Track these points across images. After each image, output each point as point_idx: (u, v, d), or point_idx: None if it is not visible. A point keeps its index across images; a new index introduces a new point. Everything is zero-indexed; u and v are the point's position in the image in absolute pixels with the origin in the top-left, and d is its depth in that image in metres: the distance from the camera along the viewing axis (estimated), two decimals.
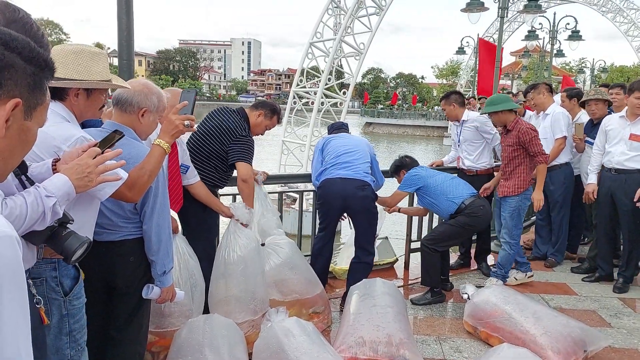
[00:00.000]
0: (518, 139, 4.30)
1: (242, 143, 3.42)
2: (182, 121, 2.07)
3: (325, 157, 4.10)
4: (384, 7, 16.85)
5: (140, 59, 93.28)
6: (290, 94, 17.88)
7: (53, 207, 1.45)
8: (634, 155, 4.33)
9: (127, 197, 2.00)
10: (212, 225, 3.51)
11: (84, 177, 1.55)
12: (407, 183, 4.30)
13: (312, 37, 17.47)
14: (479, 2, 12.38)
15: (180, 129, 2.07)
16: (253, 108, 3.62)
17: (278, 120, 3.68)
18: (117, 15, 3.63)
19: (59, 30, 73.92)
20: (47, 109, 1.01)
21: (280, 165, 16.98)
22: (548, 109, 5.16)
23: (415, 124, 50.67)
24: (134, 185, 1.96)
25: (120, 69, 3.71)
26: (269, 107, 3.62)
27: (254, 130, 3.57)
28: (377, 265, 4.73)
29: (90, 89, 1.95)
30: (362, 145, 4.14)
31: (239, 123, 3.46)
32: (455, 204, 4.11)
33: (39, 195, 1.43)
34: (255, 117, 3.55)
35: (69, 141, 1.78)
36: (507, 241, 4.42)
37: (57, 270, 1.77)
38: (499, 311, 3.39)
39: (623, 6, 36.76)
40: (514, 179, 4.38)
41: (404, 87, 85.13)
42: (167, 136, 2.07)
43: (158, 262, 2.23)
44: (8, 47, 0.89)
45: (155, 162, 2.03)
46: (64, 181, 1.51)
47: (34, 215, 1.41)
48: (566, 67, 59.06)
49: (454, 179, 4.38)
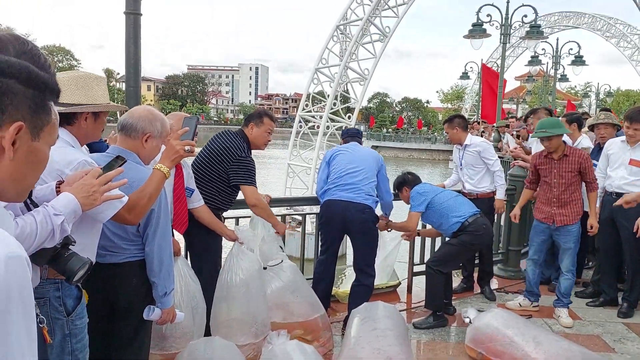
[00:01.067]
0: (579, 165, 4.18)
1: (242, 165, 3.47)
2: (183, 147, 2.14)
3: (331, 172, 4.11)
4: (388, 34, 17.13)
5: (149, 84, 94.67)
6: (296, 118, 18.07)
7: (62, 225, 1.52)
8: (633, 180, 4.35)
9: (126, 220, 2.05)
10: (216, 248, 3.55)
11: (89, 196, 1.62)
12: (417, 201, 4.26)
13: (318, 63, 17.74)
14: (481, 28, 12.57)
15: (181, 154, 2.14)
16: (245, 125, 3.69)
17: (271, 119, 3.69)
18: (125, 43, 3.76)
19: (70, 57, 75.33)
20: (56, 128, 1.05)
21: (285, 188, 17.04)
22: None
23: (421, 147, 50.77)
24: (134, 208, 2.02)
25: (127, 95, 3.82)
26: (255, 115, 3.68)
27: (258, 142, 3.62)
28: (380, 289, 4.72)
29: (97, 113, 2.04)
30: (369, 161, 4.09)
31: (238, 144, 3.52)
32: (459, 222, 4.13)
33: (47, 214, 1.50)
34: (250, 131, 3.62)
35: (72, 165, 1.85)
36: (571, 269, 4.34)
37: (60, 291, 1.82)
38: (501, 335, 3.39)
39: (626, 31, 37.10)
40: (572, 206, 4.27)
41: (410, 112, 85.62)
42: (168, 161, 2.14)
43: (159, 284, 2.27)
44: (5, 74, 0.92)
45: (155, 186, 2.09)
46: (70, 199, 1.58)
47: (44, 234, 1.47)
48: (571, 91, 59.27)
49: (457, 196, 4.42)
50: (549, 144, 4.20)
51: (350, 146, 4.27)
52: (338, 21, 18.05)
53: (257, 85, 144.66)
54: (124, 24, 3.77)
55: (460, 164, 5.09)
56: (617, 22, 37.71)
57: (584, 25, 38.60)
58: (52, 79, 1.03)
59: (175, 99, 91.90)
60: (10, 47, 1.59)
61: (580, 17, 38.99)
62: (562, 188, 4.25)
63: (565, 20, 39.57)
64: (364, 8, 17.93)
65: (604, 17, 38.32)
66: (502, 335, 3.37)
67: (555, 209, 4.28)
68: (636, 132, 4.31)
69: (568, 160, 4.21)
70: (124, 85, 4.00)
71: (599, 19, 38.18)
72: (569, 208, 4.27)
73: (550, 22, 39.32)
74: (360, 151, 4.25)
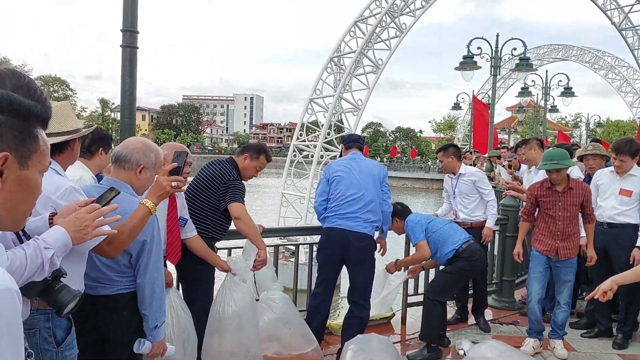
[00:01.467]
0: (583, 198, 4.15)
1: (231, 186, 3.48)
2: (170, 182, 2.13)
3: (331, 196, 4.06)
4: (381, 66, 17.43)
5: (143, 114, 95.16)
6: (290, 147, 18.19)
7: (51, 259, 1.51)
8: (624, 209, 4.40)
9: (105, 252, 2.02)
10: (208, 279, 3.53)
11: (80, 230, 1.62)
12: (417, 231, 4.24)
13: (312, 93, 17.99)
14: (471, 61, 12.82)
15: (167, 190, 2.13)
16: (239, 154, 3.72)
17: (267, 158, 3.71)
18: (121, 76, 3.81)
19: (66, 87, 75.83)
20: (46, 155, 1.04)
21: (279, 217, 17.00)
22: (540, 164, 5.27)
23: (414, 176, 51.05)
24: (113, 241, 1.99)
25: (122, 126, 3.85)
26: (253, 148, 3.71)
27: (245, 174, 3.65)
28: (374, 320, 4.68)
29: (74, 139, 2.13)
30: (368, 184, 4.00)
31: (227, 170, 3.55)
32: (454, 249, 4.13)
33: (37, 247, 1.49)
34: (242, 161, 3.64)
35: (59, 191, 1.87)
36: (568, 301, 4.31)
37: (50, 321, 1.80)
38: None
39: (614, 63, 37.88)
40: (574, 238, 4.25)
41: (403, 141, 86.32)
42: (154, 197, 2.13)
43: (150, 316, 2.25)
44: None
45: (137, 221, 2.07)
46: (61, 233, 1.58)
47: (33, 267, 1.47)
48: (562, 121, 60.12)
49: (449, 223, 4.43)
50: (557, 176, 4.11)
51: (350, 163, 4.11)
52: (332, 53, 18.39)
53: (252, 114, 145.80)
54: (120, 56, 3.83)
55: (453, 193, 5.12)
56: (605, 55, 38.55)
57: (573, 57, 39.42)
58: (38, 107, 1.02)
59: (170, 129, 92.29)
60: (7, 81, 1.62)
61: (569, 49, 39.87)
62: (566, 221, 4.18)
63: (554, 53, 40.43)
64: (357, 41, 18.30)
65: (592, 49, 39.20)
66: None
67: (559, 242, 4.21)
68: (622, 163, 4.37)
69: (573, 194, 4.13)
70: (119, 115, 4.04)
71: (587, 52, 39.03)
72: (572, 241, 4.24)
73: (540, 55, 40.17)
74: (361, 170, 4.06)
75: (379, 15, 17.88)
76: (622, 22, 26.73)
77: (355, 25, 18.41)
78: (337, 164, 4.21)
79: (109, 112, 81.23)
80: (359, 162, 4.13)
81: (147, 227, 2.21)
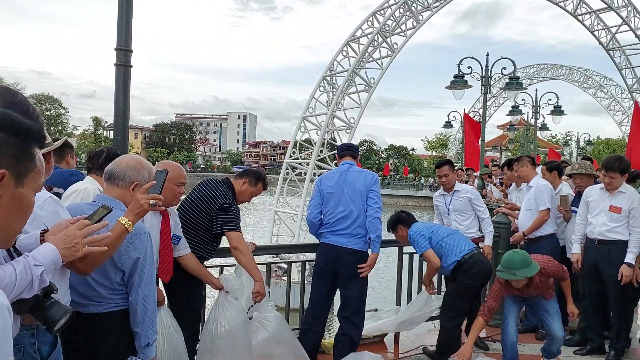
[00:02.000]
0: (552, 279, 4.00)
1: (226, 211, 3.47)
2: (147, 201, 2.09)
3: (324, 210, 4.09)
4: (373, 85, 17.61)
5: (136, 132, 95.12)
6: (283, 165, 18.23)
7: (41, 276, 1.51)
8: (614, 226, 4.43)
9: (77, 268, 1.97)
10: (199, 297, 3.51)
11: (70, 247, 1.62)
12: (421, 242, 4.19)
13: (305, 111, 18.10)
14: (462, 80, 13.00)
15: (145, 208, 2.08)
16: (238, 177, 3.72)
17: (264, 187, 3.74)
18: (115, 94, 3.83)
19: (58, 105, 75.79)
20: (41, 174, 1.06)
21: (272, 235, 16.95)
22: (532, 181, 5.32)
23: (407, 194, 51.21)
24: (87, 257, 1.92)
25: (114, 144, 3.86)
26: (253, 174, 3.72)
27: (240, 198, 3.64)
28: (366, 339, 4.65)
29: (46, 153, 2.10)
30: (357, 201, 3.97)
31: (223, 192, 3.53)
32: (456, 260, 4.11)
33: (27, 264, 1.49)
34: (239, 185, 3.64)
35: (38, 201, 1.85)
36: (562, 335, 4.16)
37: (36, 337, 1.78)
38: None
39: (603, 82, 38.50)
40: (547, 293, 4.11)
41: (396, 159, 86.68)
42: (132, 215, 2.09)
43: (142, 334, 2.23)
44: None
45: (113, 239, 2.00)
46: (51, 250, 1.58)
47: (22, 284, 1.46)
48: (553, 139, 60.71)
49: (454, 233, 4.39)
50: (517, 284, 3.89)
51: (341, 177, 4.07)
52: (324, 72, 18.57)
53: (245, 133, 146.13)
54: (114, 75, 3.86)
55: (447, 210, 5.12)
56: (594, 74, 39.20)
57: (562, 76, 40.06)
58: (36, 126, 1.04)
59: (163, 147, 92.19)
60: (0, 98, 1.65)
61: (558, 69, 40.52)
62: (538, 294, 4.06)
63: (544, 72, 41.07)
64: (349, 60, 18.51)
65: (580, 69, 39.88)
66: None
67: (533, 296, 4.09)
68: (612, 180, 4.42)
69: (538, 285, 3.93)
70: (112, 133, 4.05)
71: (576, 71, 39.69)
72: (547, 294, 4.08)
73: (529, 74, 40.76)
74: (350, 184, 4.03)
75: (371, 35, 18.14)
76: (610, 42, 27.26)
77: (348, 44, 18.65)
78: (328, 178, 4.20)
79: (101, 130, 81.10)
80: (349, 174, 4.09)
81: (140, 244, 2.20)
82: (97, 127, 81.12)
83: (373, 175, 4.14)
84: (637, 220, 4.34)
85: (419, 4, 19.17)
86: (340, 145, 4.53)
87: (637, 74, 28.17)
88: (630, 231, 4.36)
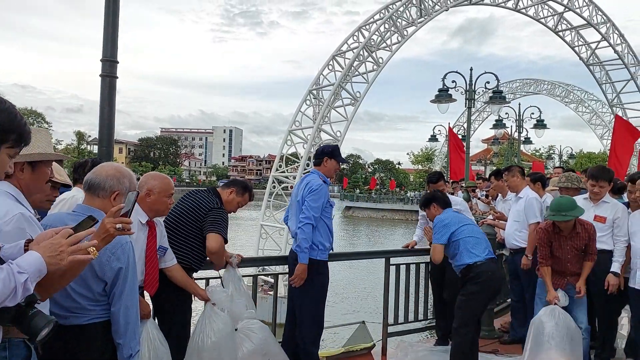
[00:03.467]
0: (589, 239, 4.22)
1: (215, 215, 3.45)
2: (114, 225, 1.92)
3: None
4: (359, 98, 17.75)
5: (120, 147, 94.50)
6: (269, 179, 18.20)
7: (25, 283, 1.47)
8: (599, 236, 4.46)
9: None
10: (185, 309, 3.45)
11: (56, 256, 1.58)
12: (439, 233, 4.20)
13: (291, 125, 18.14)
14: (446, 94, 13.17)
15: (111, 232, 1.92)
16: (225, 187, 3.71)
17: (250, 197, 3.74)
18: (100, 104, 3.81)
19: (42, 119, 75.12)
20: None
21: (258, 250, 16.84)
22: (521, 193, 5.31)
23: (394, 208, 51.38)
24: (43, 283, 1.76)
25: (99, 155, 3.82)
26: (240, 184, 3.72)
27: (226, 207, 3.62)
28: (353, 352, 4.62)
29: (34, 163, 2.03)
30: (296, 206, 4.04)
31: (210, 199, 3.53)
32: (467, 264, 4.10)
33: (11, 271, 1.45)
34: (227, 194, 3.63)
35: (7, 216, 1.79)
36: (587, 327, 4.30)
37: (7, 350, 1.72)
38: None
39: (584, 97, 39.26)
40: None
41: (382, 173, 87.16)
42: (98, 240, 1.91)
43: (125, 345, 2.18)
44: None
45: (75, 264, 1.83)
46: (35, 257, 1.54)
47: (6, 291, 1.42)
48: (536, 153, 61.56)
49: (479, 236, 4.31)
50: (563, 227, 4.21)
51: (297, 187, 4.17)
52: (311, 86, 18.68)
53: (230, 147, 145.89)
54: (100, 86, 3.83)
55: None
56: (575, 89, 39.97)
57: (544, 91, 40.79)
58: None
59: (148, 161, 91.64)
60: None
61: (540, 84, 41.28)
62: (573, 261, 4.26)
63: (526, 87, 41.80)
64: (335, 74, 18.66)
65: (562, 84, 40.65)
66: None
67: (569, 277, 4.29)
68: (602, 189, 4.48)
69: (580, 237, 4.21)
70: (97, 143, 4.01)
71: (558, 86, 40.44)
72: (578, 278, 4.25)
73: (512, 89, 41.46)
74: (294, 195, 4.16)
75: (357, 50, 18.33)
76: (590, 58, 27.88)
77: (334, 58, 18.81)
78: (294, 190, 4.30)
79: (85, 145, 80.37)
80: (300, 184, 4.14)
81: (122, 254, 2.16)
82: (80, 142, 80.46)
83: (312, 184, 3.98)
84: (621, 230, 4.40)
85: (404, 19, 19.45)
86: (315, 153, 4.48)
87: (617, 89, 28.82)
88: (614, 241, 4.41)
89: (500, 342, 5.27)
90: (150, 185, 3.03)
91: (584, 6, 25.54)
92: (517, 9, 24.53)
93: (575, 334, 3.92)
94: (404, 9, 19.38)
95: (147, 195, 3.00)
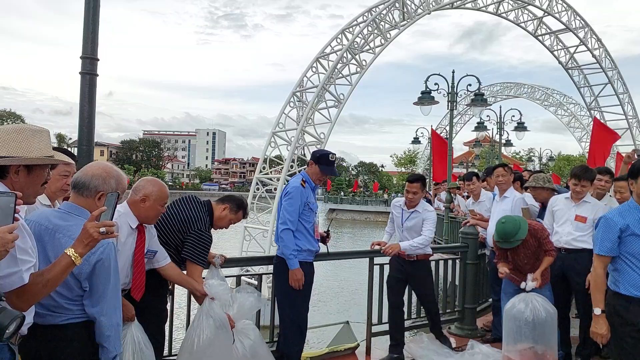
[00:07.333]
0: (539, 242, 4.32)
1: (198, 238, 3.35)
2: (97, 229, 1.89)
3: None
4: (342, 101, 17.77)
5: (102, 149, 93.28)
6: (253, 181, 18.12)
7: None
8: (579, 235, 4.53)
9: (14, 304, 1.76)
10: (161, 310, 3.38)
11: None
12: None
13: (275, 127, 18.09)
14: (429, 96, 13.28)
15: (95, 237, 1.89)
16: (219, 202, 3.62)
17: (244, 215, 3.67)
18: (80, 102, 3.74)
19: (20, 121, 73.92)
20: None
21: (242, 252, 16.74)
22: (507, 192, 5.34)
23: (377, 210, 51.60)
24: (25, 292, 1.78)
25: (79, 154, 3.75)
26: (235, 201, 3.62)
27: (218, 223, 3.55)
28: (337, 352, 4.60)
29: (30, 166, 1.95)
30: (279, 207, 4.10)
31: (200, 215, 3.41)
32: None
33: None
34: (220, 210, 3.54)
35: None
36: None
37: None
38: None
39: (563, 100, 39.83)
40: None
41: (365, 175, 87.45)
42: (81, 246, 1.90)
43: (109, 347, 2.13)
44: None
45: (57, 272, 1.87)
46: None
47: None
48: (516, 156, 62.33)
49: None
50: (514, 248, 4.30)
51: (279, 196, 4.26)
52: (294, 88, 18.67)
53: (214, 149, 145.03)
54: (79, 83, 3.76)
55: (402, 225, 4.89)
56: (554, 92, 40.54)
57: (524, 95, 41.28)
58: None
59: (130, 164, 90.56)
60: None
61: (520, 87, 41.77)
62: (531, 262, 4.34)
63: (507, 90, 42.25)
64: (319, 76, 18.66)
65: (541, 87, 41.19)
66: None
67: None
68: (584, 189, 4.54)
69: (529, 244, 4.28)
70: (76, 149, 3.93)
71: (537, 89, 40.98)
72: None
73: (493, 92, 41.89)
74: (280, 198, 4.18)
75: (340, 52, 18.36)
76: (569, 62, 28.34)
77: (317, 61, 18.82)
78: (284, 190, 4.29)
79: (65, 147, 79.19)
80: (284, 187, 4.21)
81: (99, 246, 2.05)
82: (60, 144, 79.17)
83: (288, 187, 4.04)
84: None
85: (387, 22, 19.55)
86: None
87: (595, 93, 29.32)
88: None
89: (483, 341, 5.30)
90: (147, 192, 2.96)
91: (563, 11, 25.96)
92: (498, 14, 24.82)
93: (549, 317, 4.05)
94: (387, 12, 19.48)
95: (142, 200, 2.94)
